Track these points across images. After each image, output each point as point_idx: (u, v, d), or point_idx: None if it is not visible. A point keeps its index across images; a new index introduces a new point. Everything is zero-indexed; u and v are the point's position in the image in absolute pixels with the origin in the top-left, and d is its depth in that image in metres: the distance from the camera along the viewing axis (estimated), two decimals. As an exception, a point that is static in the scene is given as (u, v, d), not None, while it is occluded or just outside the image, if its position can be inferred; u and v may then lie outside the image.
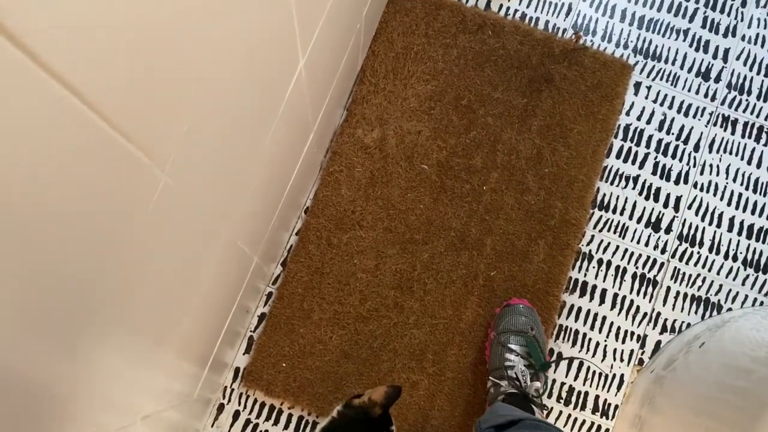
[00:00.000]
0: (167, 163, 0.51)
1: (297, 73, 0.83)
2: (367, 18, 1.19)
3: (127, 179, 0.46)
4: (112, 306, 0.55)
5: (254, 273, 1.13)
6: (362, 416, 0.96)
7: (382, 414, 0.97)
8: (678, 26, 1.44)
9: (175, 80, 0.49)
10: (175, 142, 0.52)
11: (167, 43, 0.45)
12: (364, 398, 0.97)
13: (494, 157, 1.36)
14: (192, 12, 0.47)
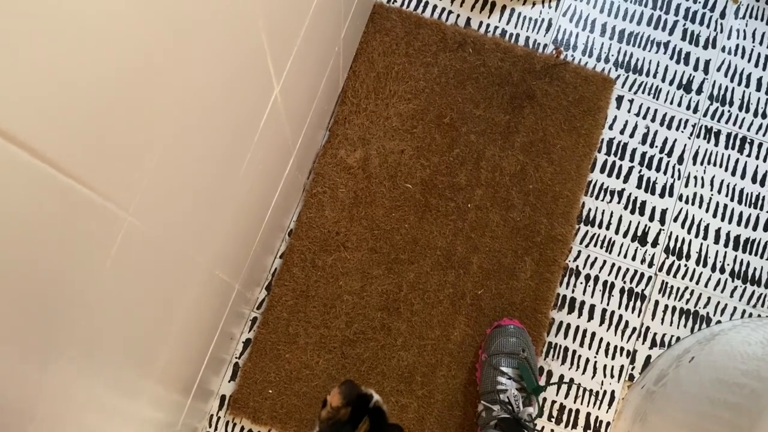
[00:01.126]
0: (131, 204, 0.50)
1: (272, 100, 0.82)
2: (345, 40, 1.18)
3: (84, 223, 0.45)
4: (84, 336, 0.53)
5: (237, 300, 1.11)
6: (340, 425, 0.90)
7: (353, 409, 0.91)
8: (658, 39, 1.44)
9: (136, 115, 0.48)
10: (139, 180, 0.51)
11: (125, 78, 0.44)
12: (327, 409, 0.92)
13: (478, 175, 1.35)
14: (154, 45, 0.46)
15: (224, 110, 0.67)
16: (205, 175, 0.68)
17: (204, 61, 0.57)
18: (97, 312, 0.54)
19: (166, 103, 0.52)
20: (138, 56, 0.45)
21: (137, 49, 0.45)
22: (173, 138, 0.55)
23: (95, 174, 0.44)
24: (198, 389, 1.10)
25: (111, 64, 0.42)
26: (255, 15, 0.64)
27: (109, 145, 0.45)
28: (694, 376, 1.21)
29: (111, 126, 0.44)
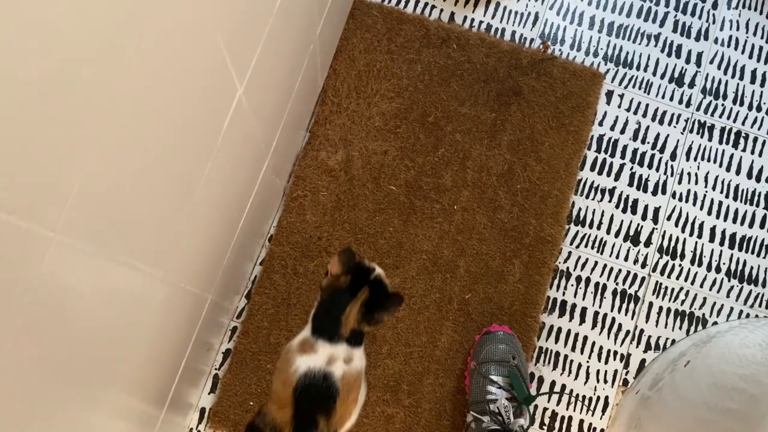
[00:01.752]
0: (58, 221, 0.46)
1: (236, 101, 0.77)
2: (322, 37, 1.14)
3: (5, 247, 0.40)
4: (34, 345, 0.49)
5: (212, 310, 1.07)
6: (339, 292, 0.95)
7: (353, 278, 0.95)
8: (648, 31, 1.39)
9: (66, 120, 0.43)
10: (67, 195, 0.46)
11: (53, 80, 0.40)
12: (329, 278, 0.97)
13: (464, 175, 1.30)
14: (86, 44, 0.42)
15: (177, 111, 0.62)
16: (156, 182, 0.64)
17: (150, 62, 0.52)
18: (33, 334, 0.50)
19: (101, 108, 0.48)
20: (67, 57, 0.41)
21: (64, 50, 0.40)
22: (111, 145, 0.51)
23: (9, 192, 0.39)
24: (174, 401, 1.05)
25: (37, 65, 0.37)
26: (207, 14, 0.60)
27: (28, 154, 0.40)
28: (690, 381, 1.17)
29: (32, 134, 0.40)
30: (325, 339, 0.94)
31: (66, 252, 0.48)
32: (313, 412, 0.91)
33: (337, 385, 0.92)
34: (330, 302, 0.95)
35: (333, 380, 0.92)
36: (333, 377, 0.92)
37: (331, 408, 0.92)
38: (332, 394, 0.92)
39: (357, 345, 0.96)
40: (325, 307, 0.96)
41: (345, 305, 0.94)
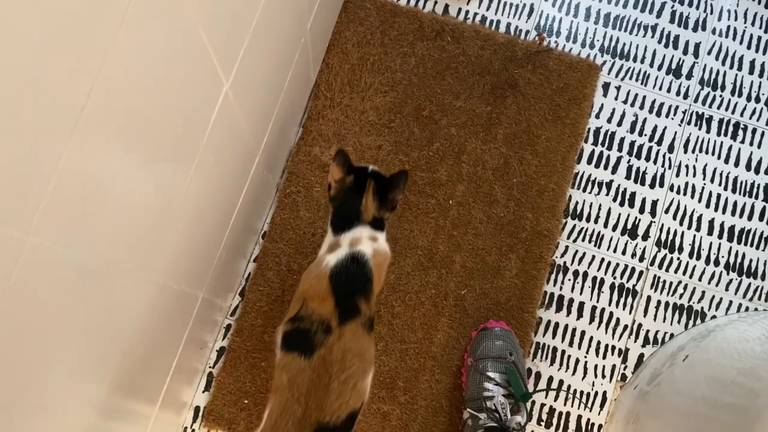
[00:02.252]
0: (33, 219, 0.44)
1: (222, 96, 0.76)
2: (313, 30, 1.12)
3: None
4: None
5: (204, 308, 1.05)
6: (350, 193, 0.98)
7: (355, 176, 0.99)
8: (645, 22, 1.38)
9: (43, 116, 0.42)
10: (41, 193, 0.45)
11: (24, 75, 0.38)
12: (332, 187, 1.00)
13: (459, 169, 1.29)
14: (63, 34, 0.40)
15: (157, 107, 0.61)
16: (139, 178, 0.62)
17: (126, 53, 0.51)
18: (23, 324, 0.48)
19: (76, 102, 0.46)
20: (39, 50, 0.39)
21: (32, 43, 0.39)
22: (87, 139, 0.49)
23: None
24: (167, 400, 1.04)
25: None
26: (188, 7, 0.58)
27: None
28: (688, 375, 1.16)
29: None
30: (347, 230, 0.97)
31: (39, 253, 0.47)
32: (352, 297, 0.92)
33: (369, 264, 0.95)
34: (344, 203, 0.98)
35: (364, 260, 0.95)
36: (364, 257, 0.95)
37: (368, 289, 0.94)
38: (366, 274, 0.94)
39: (380, 229, 0.99)
40: (342, 209, 0.99)
41: (359, 199, 0.97)
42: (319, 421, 0.85)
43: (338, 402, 0.87)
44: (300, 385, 0.87)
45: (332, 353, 0.88)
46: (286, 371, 0.89)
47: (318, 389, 0.86)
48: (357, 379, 0.89)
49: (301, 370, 0.88)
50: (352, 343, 0.89)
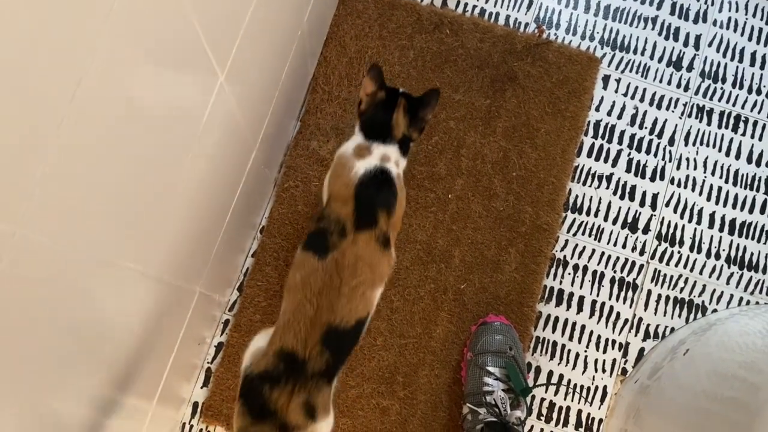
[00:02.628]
0: (22, 212, 0.43)
1: (216, 90, 0.75)
2: (310, 23, 1.11)
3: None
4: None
5: (201, 303, 1.05)
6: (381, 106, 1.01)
7: (387, 92, 1.02)
8: (645, 14, 1.36)
9: (34, 105, 0.41)
10: (30, 189, 0.44)
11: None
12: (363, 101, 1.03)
13: (458, 163, 1.28)
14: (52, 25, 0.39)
15: (149, 99, 0.60)
16: (131, 172, 0.62)
17: (118, 44, 0.50)
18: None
19: (66, 93, 0.45)
20: (26, 40, 0.38)
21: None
22: (77, 133, 0.48)
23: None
24: (165, 396, 1.04)
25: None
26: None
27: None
28: (689, 370, 1.15)
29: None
30: (379, 142, 0.99)
31: (30, 246, 0.46)
32: (373, 207, 0.95)
33: (394, 182, 0.98)
34: (375, 113, 1.01)
35: (391, 176, 0.98)
36: (390, 174, 0.98)
37: (391, 204, 0.97)
38: (391, 189, 0.98)
39: (405, 153, 1.03)
40: (373, 118, 1.01)
41: (390, 113, 1.00)
42: (330, 323, 0.88)
43: (348, 307, 0.90)
44: (312, 285, 0.90)
45: (345, 257, 0.91)
46: (300, 270, 0.92)
47: (329, 291, 0.90)
48: (366, 289, 0.92)
49: (314, 271, 0.91)
50: (364, 251, 0.93)
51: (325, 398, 0.88)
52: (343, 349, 0.92)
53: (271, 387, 0.86)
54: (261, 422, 0.86)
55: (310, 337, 0.88)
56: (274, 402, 0.86)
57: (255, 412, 0.87)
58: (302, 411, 0.86)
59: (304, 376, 0.87)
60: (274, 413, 0.86)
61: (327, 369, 0.88)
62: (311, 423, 0.86)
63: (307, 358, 0.87)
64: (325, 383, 0.88)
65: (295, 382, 0.86)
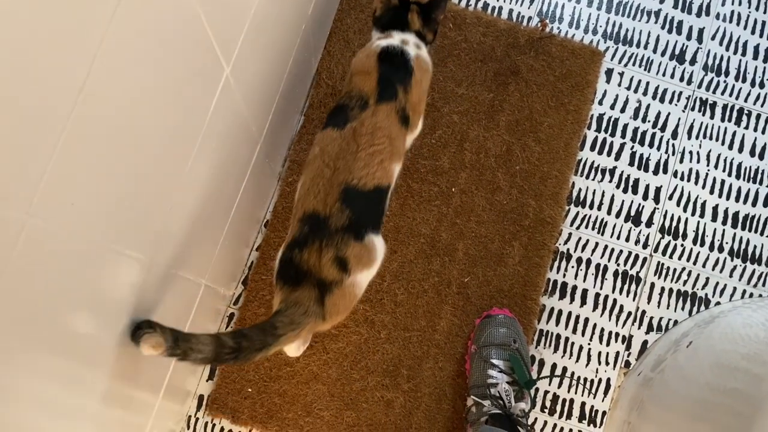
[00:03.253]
0: (33, 201, 0.44)
1: (222, 82, 0.75)
2: (314, 17, 1.11)
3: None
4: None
5: (207, 296, 1.05)
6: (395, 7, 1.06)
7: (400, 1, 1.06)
8: (649, 7, 1.37)
9: (41, 101, 0.41)
10: (40, 175, 0.45)
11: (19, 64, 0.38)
12: (380, 6, 1.07)
13: (462, 157, 1.28)
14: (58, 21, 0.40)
15: (156, 92, 0.60)
16: (138, 164, 0.62)
17: (126, 36, 0.50)
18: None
19: (73, 86, 0.46)
20: (35, 36, 0.39)
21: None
22: (85, 125, 0.49)
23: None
24: (170, 389, 1.04)
25: None
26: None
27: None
28: (693, 362, 1.15)
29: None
30: (398, 30, 1.05)
31: (40, 234, 0.46)
32: (393, 81, 0.99)
33: (411, 63, 1.01)
34: (391, 14, 1.06)
35: (408, 57, 1.02)
36: (408, 55, 1.02)
37: (408, 81, 1.01)
38: (408, 69, 1.01)
39: (423, 41, 1.07)
40: (389, 17, 1.06)
41: (405, 15, 1.05)
42: (347, 182, 0.91)
43: (365, 170, 0.93)
44: (330, 152, 0.93)
45: (363, 126, 0.94)
46: (319, 144, 0.96)
47: (346, 155, 0.93)
48: (384, 158, 0.95)
49: (332, 140, 0.94)
50: (384, 123, 0.96)
51: (357, 252, 0.90)
52: (364, 210, 0.92)
53: (300, 250, 0.89)
54: (299, 286, 0.89)
55: (330, 196, 0.90)
56: (305, 262, 0.88)
57: (291, 280, 0.89)
58: (334, 265, 0.88)
59: (328, 232, 0.89)
60: (308, 273, 0.88)
61: (350, 225, 0.90)
62: (346, 276, 0.89)
63: (329, 215, 0.89)
64: (351, 238, 0.90)
65: (321, 239, 0.89)
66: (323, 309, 0.89)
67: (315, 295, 0.88)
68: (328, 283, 0.88)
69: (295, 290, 0.89)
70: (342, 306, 0.91)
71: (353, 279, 0.90)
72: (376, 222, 0.96)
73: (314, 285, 0.88)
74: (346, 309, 0.93)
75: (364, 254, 0.92)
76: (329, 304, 0.89)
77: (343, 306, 0.92)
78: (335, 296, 0.89)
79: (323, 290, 0.88)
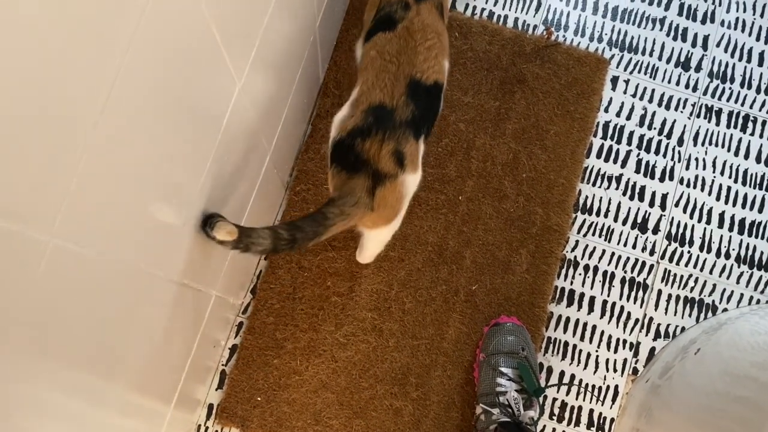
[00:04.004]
0: (54, 224, 0.45)
1: (235, 96, 0.76)
2: (321, 28, 1.12)
3: None
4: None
5: (217, 306, 1.06)
6: None
7: None
8: (653, 15, 1.37)
9: (57, 123, 0.42)
10: (63, 196, 0.45)
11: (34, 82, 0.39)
12: None
13: (468, 165, 1.29)
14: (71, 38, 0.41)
15: (174, 110, 0.61)
16: (156, 180, 0.63)
17: (143, 57, 0.51)
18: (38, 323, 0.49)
19: (92, 107, 0.46)
20: (51, 56, 0.40)
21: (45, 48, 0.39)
22: (105, 143, 0.50)
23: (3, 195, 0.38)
24: (182, 398, 1.05)
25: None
26: (201, 7, 0.59)
27: (20, 155, 0.39)
28: (700, 369, 1.16)
29: (20, 135, 0.39)
30: None
31: (63, 254, 0.47)
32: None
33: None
34: None
35: None
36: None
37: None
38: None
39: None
40: None
41: None
42: (412, 75, 0.95)
43: (426, 64, 0.97)
44: (390, 50, 0.97)
45: (413, 24, 0.98)
46: (373, 48, 0.98)
47: (407, 50, 0.97)
48: (438, 52, 0.99)
49: (388, 41, 0.98)
50: (429, 19, 1.00)
51: (412, 150, 0.94)
52: (424, 106, 0.96)
53: (362, 139, 0.91)
54: (355, 174, 0.91)
55: (396, 89, 0.94)
56: (366, 152, 0.91)
57: (349, 167, 0.92)
58: (392, 159, 0.92)
59: (393, 124, 0.92)
60: (366, 162, 0.91)
61: (413, 120, 0.94)
62: (401, 172, 0.93)
63: (395, 107, 0.93)
64: (411, 135, 0.94)
65: (384, 130, 0.91)
66: (372, 200, 0.92)
67: (368, 185, 0.91)
68: (383, 175, 0.91)
69: (352, 178, 0.91)
70: (390, 201, 0.94)
71: (404, 177, 0.94)
72: (431, 122, 1.00)
73: (369, 175, 0.91)
74: (391, 206, 0.96)
75: (415, 156, 0.96)
76: (379, 196, 0.92)
77: (391, 201, 0.95)
78: (386, 189, 0.92)
79: (376, 181, 0.91)
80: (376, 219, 0.96)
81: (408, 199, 0.98)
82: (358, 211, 0.90)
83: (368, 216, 0.93)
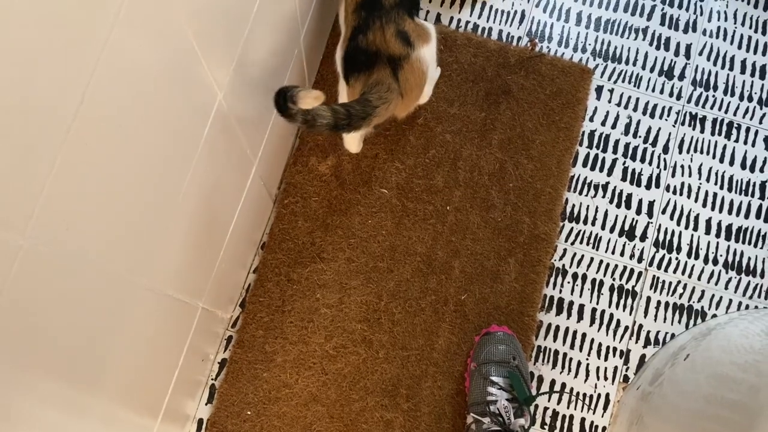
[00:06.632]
0: (28, 225, 0.45)
1: (215, 107, 0.77)
2: (306, 42, 1.14)
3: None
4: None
5: (204, 319, 1.06)
6: None
7: None
8: (636, 25, 1.39)
9: (35, 129, 0.43)
10: (35, 197, 0.46)
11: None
12: None
13: (456, 176, 1.30)
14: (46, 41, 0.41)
15: (150, 117, 0.62)
16: (132, 187, 0.63)
17: (121, 62, 0.52)
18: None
19: (66, 111, 0.47)
20: (25, 61, 0.40)
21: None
22: (80, 149, 0.50)
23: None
24: (169, 412, 1.04)
25: None
26: (178, 16, 0.60)
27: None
28: (690, 374, 1.15)
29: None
30: None
31: (36, 258, 0.47)
32: None
33: None
34: None
35: None
36: None
37: None
38: None
39: None
40: None
41: None
42: None
43: None
44: None
45: None
46: None
47: None
48: None
49: None
50: None
51: (413, 27, 1.01)
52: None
53: (364, 35, 0.97)
54: (374, 69, 0.97)
55: None
56: (372, 43, 0.96)
57: (364, 65, 0.98)
58: (398, 40, 0.97)
59: (384, 9, 0.97)
60: (377, 53, 0.96)
61: (401, 1, 0.99)
62: (411, 50, 0.99)
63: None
64: (405, 14, 1.00)
65: (380, 17, 0.97)
66: (399, 85, 0.97)
67: (389, 71, 0.96)
68: (397, 58, 0.96)
69: (372, 73, 0.96)
70: (413, 81, 1.00)
71: (417, 54, 0.99)
72: (417, 1, 1.07)
73: (386, 62, 0.96)
74: (417, 85, 1.02)
75: (420, 31, 1.01)
76: (402, 79, 0.98)
77: (414, 81, 1.00)
78: (406, 71, 0.98)
79: (395, 66, 0.96)
80: (407, 104, 1.04)
81: (433, 68, 1.04)
82: (393, 96, 0.95)
83: (401, 103, 1.00)
